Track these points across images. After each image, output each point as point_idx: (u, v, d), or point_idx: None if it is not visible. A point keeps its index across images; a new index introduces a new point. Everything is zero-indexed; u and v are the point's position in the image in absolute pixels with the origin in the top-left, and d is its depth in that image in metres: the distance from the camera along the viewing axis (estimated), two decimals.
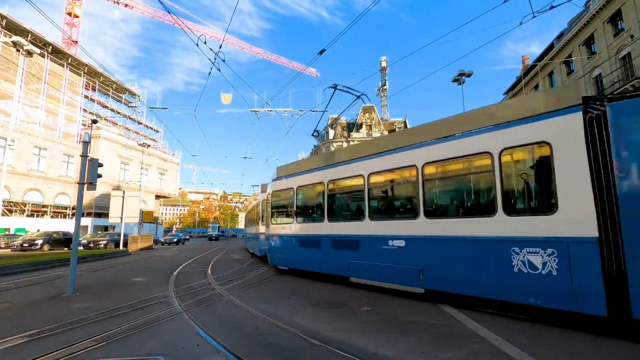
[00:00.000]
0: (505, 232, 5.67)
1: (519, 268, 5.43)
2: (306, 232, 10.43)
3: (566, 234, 5.03)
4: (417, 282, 6.91)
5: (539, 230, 5.30)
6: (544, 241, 5.19)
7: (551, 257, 5.14)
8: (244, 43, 60.65)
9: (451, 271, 6.34)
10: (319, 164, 10.47)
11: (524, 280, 5.34)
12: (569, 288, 4.90)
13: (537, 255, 5.26)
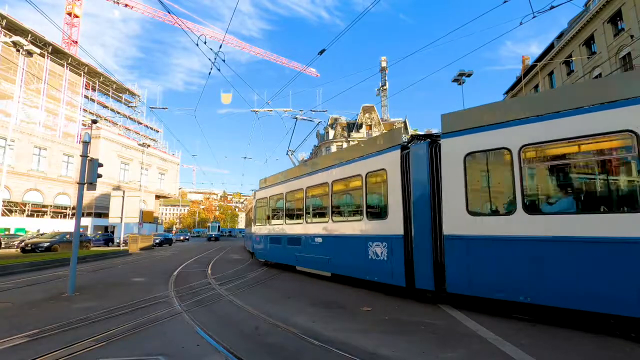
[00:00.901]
0: (365, 231, 8.21)
1: (371, 256, 7.88)
2: (274, 233, 13.20)
3: (391, 232, 7.43)
4: (327, 268, 9.46)
5: (380, 230, 7.75)
6: (382, 238, 7.71)
7: (384, 248, 7.61)
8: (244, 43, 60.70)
9: (341, 259, 8.94)
10: (281, 178, 13.06)
11: (372, 263, 7.81)
12: (390, 268, 7.36)
13: (379, 247, 7.76)
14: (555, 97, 5.68)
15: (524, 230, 5.41)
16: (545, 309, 5.38)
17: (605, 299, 4.65)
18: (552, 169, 5.67)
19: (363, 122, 61.72)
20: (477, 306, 6.15)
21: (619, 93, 4.75)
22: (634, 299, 4.38)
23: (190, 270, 12.45)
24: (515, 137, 5.60)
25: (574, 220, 4.94)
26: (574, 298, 4.90)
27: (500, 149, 5.83)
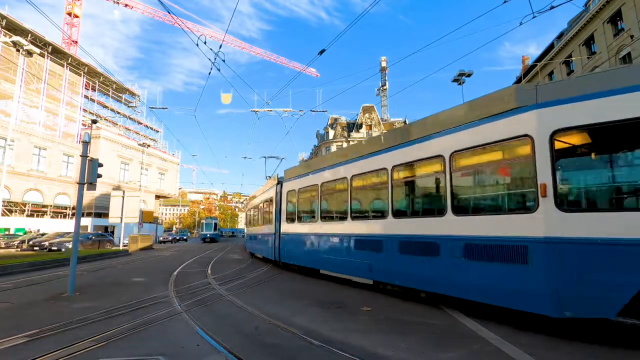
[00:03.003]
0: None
1: (269, 244, 14.08)
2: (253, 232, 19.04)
3: (270, 232, 13.89)
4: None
5: (268, 229, 14.18)
6: (269, 233, 13.95)
7: (271, 239, 13.72)
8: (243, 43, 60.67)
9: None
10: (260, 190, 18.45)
11: (270, 249, 13.78)
12: (275, 252, 13.10)
13: (269, 237, 14.08)
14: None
15: (306, 229, 11.11)
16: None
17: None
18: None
19: (363, 122, 61.70)
20: (477, 307, 6.15)
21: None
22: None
23: (190, 270, 12.45)
24: (319, 179, 10.44)
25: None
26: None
27: (311, 186, 10.96)
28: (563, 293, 4.48)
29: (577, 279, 4.40)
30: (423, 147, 6.78)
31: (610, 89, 4.40)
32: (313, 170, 11.02)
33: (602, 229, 4.27)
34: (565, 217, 4.54)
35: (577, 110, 4.59)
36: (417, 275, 6.68)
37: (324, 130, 65.03)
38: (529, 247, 4.82)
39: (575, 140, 4.82)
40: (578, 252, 4.42)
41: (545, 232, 4.64)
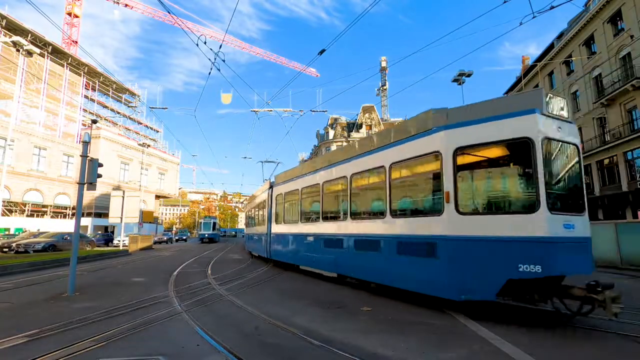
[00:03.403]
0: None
1: (262, 243, 15.42)
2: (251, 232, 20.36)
3: (263, 232, 15.38)
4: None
5: (262, 230, 15.56)
6: (263, 233, 15.43)
7: (264, 238, 15.08)
8: (243, 43, 60.62)
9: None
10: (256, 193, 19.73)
11: (263, 248, 15.23)
12: (266, 250, 14.45)
13: (262, 237, 15.49)
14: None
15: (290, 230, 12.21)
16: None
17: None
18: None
19: (363, 122, 61.70)
20: (477, 307, 6.15)
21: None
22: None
23: (190, 270, 12.45)
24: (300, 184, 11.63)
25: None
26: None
27: (294, 190, 12.12)
28: (460, 281, 5.50)
29: (469, 269, 5.43)
30: (372, 158, 7.83)
31: (493, 115, 5.50)
32: (296, 176, 12.12)
33: (484, 229, 5.34)
34: (462, 219, 5.56)
35: (472, 131, 5.64)
36: (367, 269, 7.78)
37: (324, 130, 65.04)
38: (437, 243, 5.85)
39: (470, 156, 5.81)
40: (469, 248, 5.44)
41: (448, 231, 5.67)
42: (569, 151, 5.67)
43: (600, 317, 5.67)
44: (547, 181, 5.14)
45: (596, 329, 4.95)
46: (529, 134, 5.18)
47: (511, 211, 5.44)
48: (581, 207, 5.60)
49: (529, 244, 4.98)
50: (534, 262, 4.89)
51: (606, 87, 23.41)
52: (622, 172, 22.33)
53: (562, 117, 5.56)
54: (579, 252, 5.36)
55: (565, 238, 5.10)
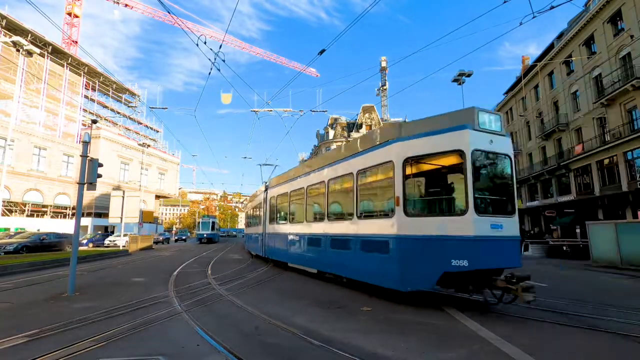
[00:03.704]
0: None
1: (259, 243, 16.35)
2: (249, 232, 21.53)
3: (260, 232, 16.16)
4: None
5: (259, 230, 16.52)
6: (259, 233, 16.17)
7: (260, 238, 15.82)
8: (244, 43, 60.58)
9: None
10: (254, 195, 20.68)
11: (260, 247, 16.15)
12: (262, 248, 15.28)
13: (259, 237, 16.30)
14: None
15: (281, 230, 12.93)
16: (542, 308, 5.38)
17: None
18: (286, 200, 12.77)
19: (363, 122, 61.71)
20: (477, 307, 6.15)
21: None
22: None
23: (190, 270, 12.44)
24: (288, 188, 12.34)
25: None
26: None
27: (284, 193, 12.83)
28: (407, 273, 6.30)
29: (413, 263, 6.21)
30: (343, 166, 8.64)
31: (436, 129, 6.26)
32: (286, 180, 12.93)
33: (426, 229, 6.13)
34: (409, 220, 6.33)
35: (418, 143, 6.40)
36: (340, 265, 8.53)
37: (324, 130, 65.05)
38: (390, 242, 6.63)
39: (416, 165, 6.57)
40: (414, 245, 6.23)
41: (398, 231, 6.43)
42: (501, 161, 6.47)
43: (600, 317, 5.68)
44: (476, 187, 5.93)
45: (596, 329, 4.95)
46: (461, 146, 5.96)
47: (447, 213, 6.31)
48: (510, 210, 6.33)
49: (459, 242, 5.78)
50: (463, 257, 5.70)
51: (606, 87, 23.40)
52: (622, 172, 22.32)
53: (493, 132, 6.27)
54: (506, 249, 6.01)
55: (491, 237, 5.85)
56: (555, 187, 30.27)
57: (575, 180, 27.51)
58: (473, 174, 5.88)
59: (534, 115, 33.42)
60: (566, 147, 28.46)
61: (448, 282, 6.14)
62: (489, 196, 6.32)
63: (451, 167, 6.39)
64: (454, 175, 6.35)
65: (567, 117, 28.34)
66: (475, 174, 5.97)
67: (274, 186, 14.35)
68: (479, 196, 6.00)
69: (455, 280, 6.07)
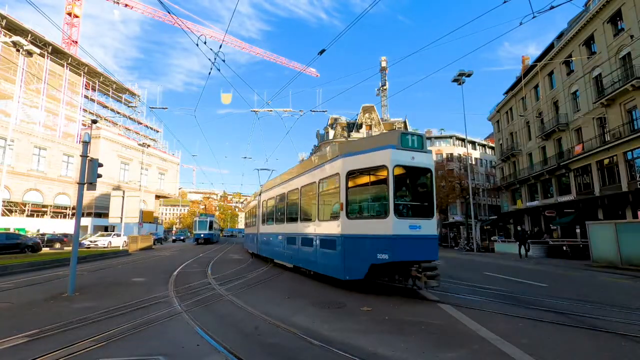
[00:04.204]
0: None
1: (254, 241, 18.20)
2: (247, 232, 22.92)
3: (255, 232, 17.69)
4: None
5: (254, 230, 18.31)
6: (254, 232, 17.93)
7: (255, 237, 17.75)
8: (243, 43, 60.60)
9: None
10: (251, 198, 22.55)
11: (254, 245, 18.01)
12: (257, 247, 17.05)
13: (254, 236, 18.27)
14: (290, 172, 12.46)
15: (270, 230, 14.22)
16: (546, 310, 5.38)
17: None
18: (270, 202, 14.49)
19: (363, 122, 61.68)
20: (477, 306, 6.15)
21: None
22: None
23: (190, 270, 12.44)
24: (275, 192, 13.59)
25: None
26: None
27: (272, 197, 14.13)
28: (347, 265, 7.68)
29: (351, 257, 7.62)
30: (309, 176, 10.03)
31: (370, 148, 7.64)
32: (273, 186, 14.31)
33: (361, 229, 7.56)
34: (349, 222, 7.72)
35: (357, 159, 7.81)
36: (308, 260, 9.98)
37: (324, 130, 65.02)
38: (336, 240, 8.04)
39: (355, 177, 7.95)
40: (352, 242, 7.65)
41: (342, 231, 7.82)
42: (421, 173, 7.76)
43: (600, 317, 5.68)
44: (397, 195, 7.28)
45: (596, 329, 4.95)
46: (385, 162, 7.24)
47: (375, 217, 7.54)
48: (429, 214, 7.56)
49: (382, 239, 7.13)
50: (385, 252, 7.06)
51: (606, 87, 23.40)
52: (622, 172, 22.33)
53: (415, 149, 7.54)
54: (423, 245, 7.29)
55: (409, 235, 7.12)
56: (555, 187, 30.27)
57: (575, 180, 27.51)
58: (394, 185, 7.16)
59: (534, 115, 33.42)
60: (566, 147, 28.46)
61: (378, 273, 7.60)
62: (410, 202, 7.68)
63: (379, 179, 7.57)
64: (381, 186, 7.51)
65: (567, 117, 28.34)
66: (396, 184, 7.25)
67: (265, 191, 15.91)
68: (399, 202, 7.37)
69: (383, 270, 7.56)
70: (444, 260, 18.20)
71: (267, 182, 16.43)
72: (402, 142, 7.44)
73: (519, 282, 10.07)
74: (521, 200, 35.95)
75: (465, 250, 28.43)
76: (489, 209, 55.78)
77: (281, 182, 13.14)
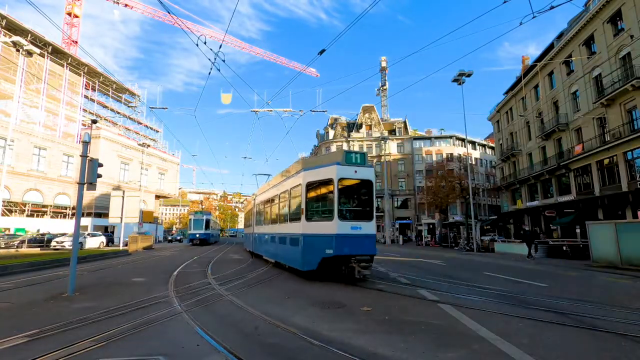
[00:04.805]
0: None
1: (250, 240, 20.62)
2: (246, 232, 24.96)
3: (251, 232, 19.64)
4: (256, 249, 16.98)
5: (250, 230, 20.73)
6: (251, 232, 19.98)
7: (251, 236, 19.54)
8: (243, 43, 60.59)
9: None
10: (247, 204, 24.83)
11: (250, 243, 20.15)
12: (252, 245, 18.90)
13: (250, 236, 20.63)
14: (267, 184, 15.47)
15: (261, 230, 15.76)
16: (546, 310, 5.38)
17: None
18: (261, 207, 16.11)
19: (363, 122, 61.67)
20: (477, 306, 6.15)
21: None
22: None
23: (190, 270, 12.44)
24: (265, 196, 15.00)
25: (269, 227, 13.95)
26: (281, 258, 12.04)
27: (262, 200, 15.77)
28: (305, 259, 9.40)
29: (307, 252, 9.30)
30: (284, 184, 11.74)
31: (323, 164, 9.44)
32: (263, 191, 16.14)
33: (315, 229, 9.20)
34: (308, 224, 9.36)
35: (312, 173, 9.55)
36: (283, 256, 11.77)
37: (324, 130, 65.02)
38: (298, 238, 9.69)
39: (311, 188, 9.59)
40: (308, 240, 9.27)
41: (303, 231, 9.45)
42: (363, 184, 9.39)
43: (600, 317, 5.69)
44: (341, 202, 8.93)
45: (596, 329, 4.95)
46: (331, 176, 8.98)
47: (325, 219, 9.12)
48: (369, 217, 9.27)
49: (329, 238, 8.76)
50: (330, 248, 8.70)
51: (606, 87, 23.40)
52: (622, 172, 22.33)
53: (358, 165, 9.26)
54: (362, 242, 8.93)
55: (350, 234, 8.78)
56: (555, 187, 30.27)
57: (575, 180, 27.51)
58: (339, 194, 8.87)
59: (534, 115, 33.42)
60: (566, 147, 28.47)
61: (328, 265, 9.07)
62: (352, 208, 9.33)
63: (329, 189, 9.17)
64: (330, 194, 9.10)
65: (567, 117, 28.34)
66: (340, 193, 8.95)
67: (258, 195, 17.83)
68: (342, 208, 9.00)
69: (332, 263, 9.02)
70: (444, 260, 18.19)
71: (261, 186, 18.51)
72: (347, 159, 9.19)
73: (519, 282, 10.07)
74: (521, 200, 35.96)
75: (465, 250, 28.42)
76: (489, 209, 55.80)
77: (268, 188, 15.14)
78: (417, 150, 58.52)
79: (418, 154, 58.26)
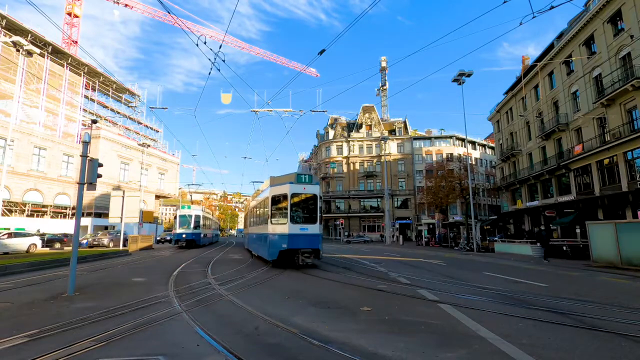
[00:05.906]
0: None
1: (246, 239, 25.63)
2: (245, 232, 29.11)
3: (247, 232, 25.22)
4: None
5: (247, 230, 26.51)
6: (247, 232, 25.58)
7: (247, 236, 24.42)
8: (243, 43, 60.57)
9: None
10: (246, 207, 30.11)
11: (247, 242, 24.59)
12: (247, 243, 23.45)
13: (246, 235, 26.02)
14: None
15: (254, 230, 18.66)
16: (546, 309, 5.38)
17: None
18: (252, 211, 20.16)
19: (363, 122, 61.64)
20: (477, 306, 6.15)
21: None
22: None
23: (190, 270, 12.44)
24: (257, 201, 18.32)
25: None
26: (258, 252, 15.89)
27: (255, 204, 19.02)
28: (270, 252, 12.62)
29: (271, 247, 12.55)
30: (261, 195, 15.14)
31: (282, 183, 12.91)
32: (253, 199, 19.47)
33: (277, 230, 12.55)
34: (272, 226, 12.69)
35: (275, 189, 12.94)
36: (258, 249, 15.31)
37: (324, 130, 64.98)
38: (267, 236, 12.91)
39: (275, 200, 12.85)
40: (272, 238, 12.60)
41: (269, 231, 12.72)
42: (310, 197, 12.73)
43: (600, 317, 5.69)
44: (292, 210, 12.32)
45: (596, 329, 4.95)
46: (286, 192, 12.42)
47: (281, 223, 12.45)
48: (314, 221, 12.57)
49: (284, 236, 12.16)
50: (285, 243, 12.07)
51: (606, 87, 23.39)
52: (622, 172, 22.32)
53: (306, 183, 12.78)
54: (308, 239, 12.36)
55: (299, 234, 12.18)
56: (555, 187, 30.27)
57: (575, 180, 27.51)
58: (291, 205, 12.27)
59: (534, 115, 33.41)
60: (566, 147, 28.46)
61: (285, 256, 12.32)
62: (301, 214, 12.62)
63: (285, 201, 12.42)
64: (285, 204, 12.38)
65: (567, 117, 28.33)
66: (292, 204, 12.33)
67: (251, 201, 21.58)
68: (294, 214, 12.34)
69: (288, 255, 12.30)
70: (444, 260, 18.20)
71: (254, 192, 22.46)
72: (298, 179, 12.69)
73: (518, 282, 10.07)
74: (521, 200, 35.95)
75: (465, 250, 28.41)
76: (489, 209, 55.80)
77: (255, 197, 19.80)
78: (417, 150, 58.54)
79: (418, 154, 58.28)
